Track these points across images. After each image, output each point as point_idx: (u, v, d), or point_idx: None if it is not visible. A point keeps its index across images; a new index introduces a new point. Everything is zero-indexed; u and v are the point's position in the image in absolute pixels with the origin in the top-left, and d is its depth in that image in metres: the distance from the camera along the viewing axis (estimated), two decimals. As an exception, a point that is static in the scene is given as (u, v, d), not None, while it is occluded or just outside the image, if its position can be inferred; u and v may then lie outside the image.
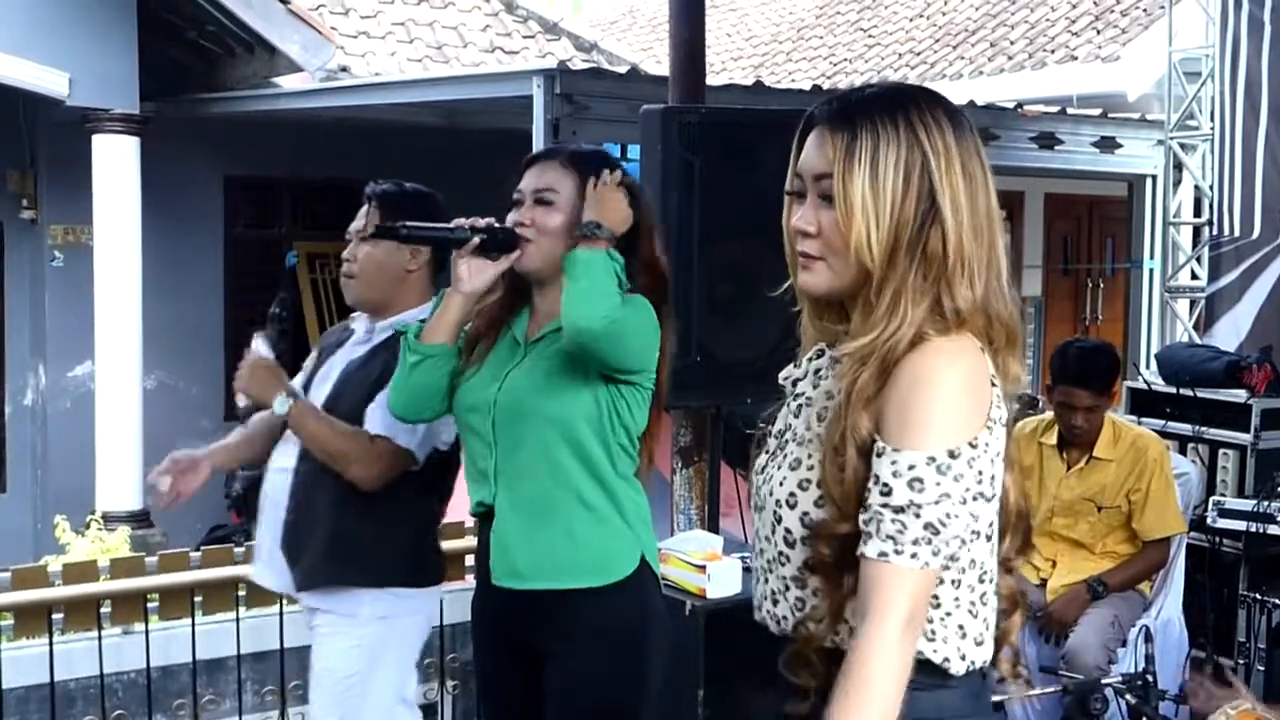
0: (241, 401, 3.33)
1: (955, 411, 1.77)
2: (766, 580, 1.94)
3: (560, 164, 2.88)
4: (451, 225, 2.85)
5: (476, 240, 2.80)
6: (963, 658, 1.85)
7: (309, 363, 3.57)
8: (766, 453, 1.99)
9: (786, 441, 1.93)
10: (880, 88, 1.93)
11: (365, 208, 3.38)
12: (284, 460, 3.36)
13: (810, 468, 1.85)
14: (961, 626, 1.85)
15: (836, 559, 1.81)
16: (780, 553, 1.89)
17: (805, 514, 1.85)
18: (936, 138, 1.83)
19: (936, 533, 1.74)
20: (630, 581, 2.80)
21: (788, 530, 1.87)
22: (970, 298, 1.81)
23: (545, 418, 2.77)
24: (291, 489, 3.32)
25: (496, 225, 2.83)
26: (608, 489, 2.81)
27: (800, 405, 1.94)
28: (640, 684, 2.83)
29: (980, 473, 1.77)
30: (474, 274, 2.82)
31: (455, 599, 4.45)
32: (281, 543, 3.31)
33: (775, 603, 1.92)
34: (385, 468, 3.18)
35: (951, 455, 1.75)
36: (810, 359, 1.97)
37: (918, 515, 1.74)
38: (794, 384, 1.99)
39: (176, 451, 3.44)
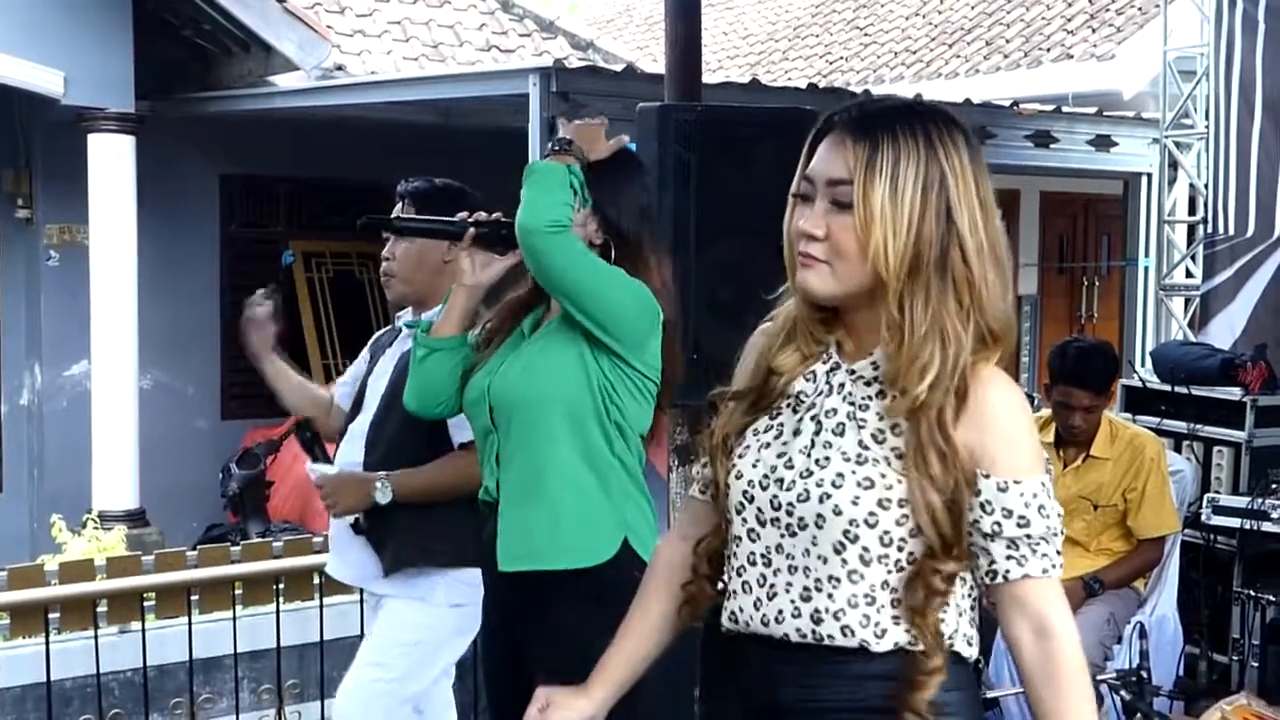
0: (349, 519, 3.38)
1: (1035, 431, 1.95)
2: (802, 598, 1.90)
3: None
4: (451, 219, 2.86)
5: (471, 233, 2.80)
6: (969, 644, 1.95)
7: (360, 363, 3.64)
8: (788, 466, 1.92)
9: (828, 459, 1.89)
10: (900, 101, 1.98)
11: (399, 205, 3.42)
12: (349, 457, 3.45)
13: (889, 487, 1.85)
14: (961, 615, 1.94)
15: (949, 591, 1.88)
16: (851, 572, 1.87)
17: (886, 532, 1.86)
18: (954, 158, 1.88)
19: (1060, 537, 1.91)
20: (614, 572, 2.79)
21: (865, 549, 1.86)
22: (1001, 319, 1.90)
23: (531, 400, 2.79)
24: None
25: (502, 220, 2.83)
26: (596, 472, 2.82)
27: (841, 424, 1.91)
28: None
29: None
30: (477, 268, 2.83)
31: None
32: (363, 530, 3.41)
33: (817, 621, 1.89)
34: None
35: (1048, 473, 1.91)
36: (827, 370, 1.96)
37: (1056, 534, 1.89)
38: (812, 399, 1.95)
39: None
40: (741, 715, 2.00)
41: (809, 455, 1.91)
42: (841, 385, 1.94)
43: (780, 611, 1.92)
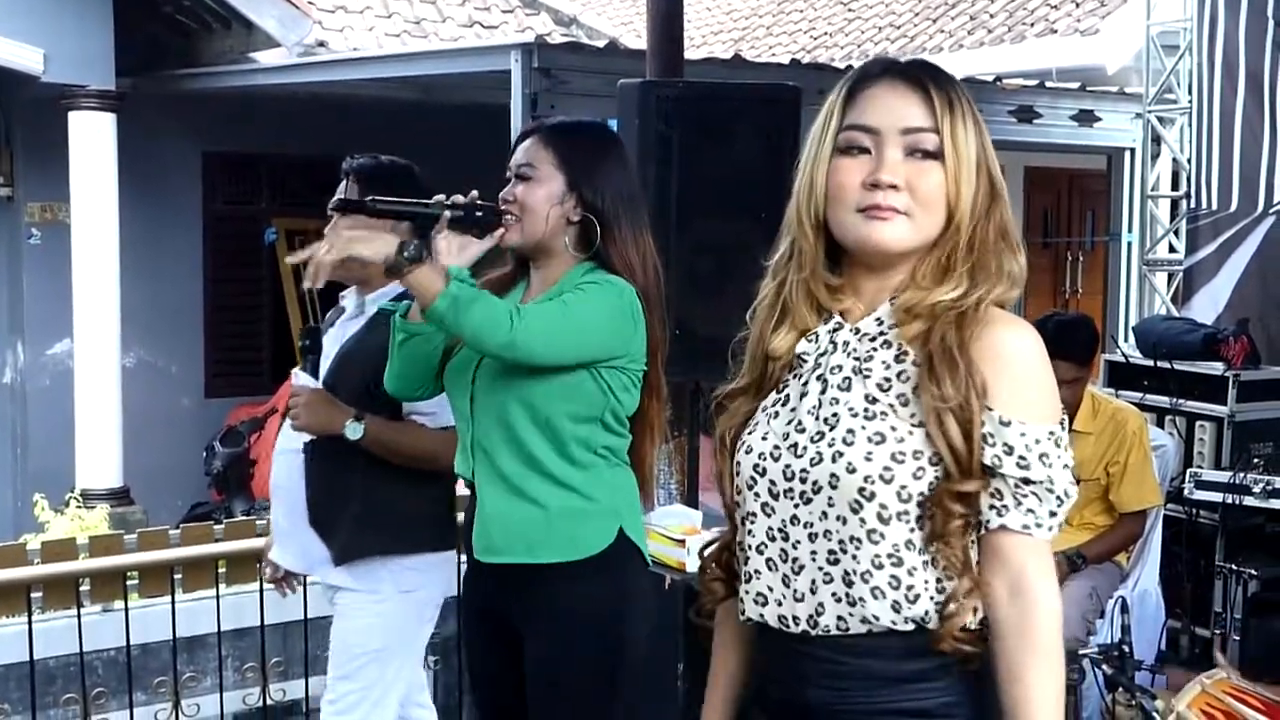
0: (305, 437, 3.29)
1: (1054, 386, 1.87)
2: (829, 562, 1.83)
3: (539, 138, 2.87)
4: (426, 201, 2.84)
5: (448, 215, 2.79)
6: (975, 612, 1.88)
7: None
8: (799, 430, 1.87)
9: (837, 417, 1.83)
10: (927, 60, 1.95)
11: (344, 182, 3.36)
12: (292, 442, 3.36)
13: (900, 439, 1.80)
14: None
15: (972, 512, 1.81)
16: (870, 531, 1.80)
17: (903, 487, 1.79)
18: (976, 108, 1.88)
19: (1062, 504, 1.82)
20: (606, 557, 2.80)
21: (883, 506, 1.79)
22: (1015, 267, 1.89)
23: (519, 397, 2.76)
24: (307, 469, 3.34)
25: (478, 201, 2.81)
26: (585, 465, 2.79)
27: (847, 379, 1.85)
28: (615, 660, 2.83)
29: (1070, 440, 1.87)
30: (454, 250, 2.80)
31: (436, 575, 4.46)
32: (311, 520, 3.34)
33: (849, 584, 1.81)
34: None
35: (1062, 427, 1.84)
36: (829, 331, 1.90)
37: (1050, 489, 1.80)
38: (817, 359, 1.90)
39: None
40: (767, 707, 1.96)
41: (817, 416, 1.85)
42: (846, 343, 1.88)
43: (813, 582, 1.85)
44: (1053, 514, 1.81)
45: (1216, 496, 5.01)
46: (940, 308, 1.83)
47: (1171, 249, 8.01)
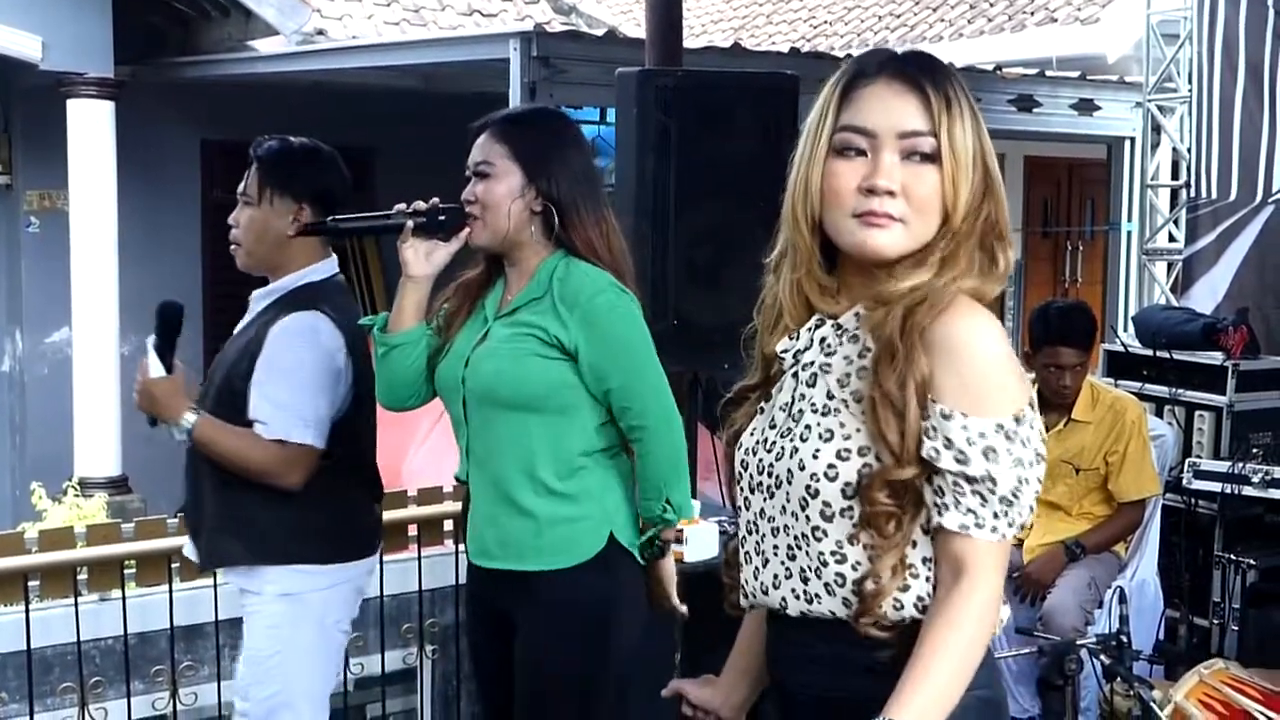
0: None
1: (1012, 373, 1.78)
2: (788, 558, 1.85)
3: (491, 134, 2.85)
4: (388, 212, 2.81)
5: (411, 225, 2.78)
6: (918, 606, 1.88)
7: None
8: (771, 427, 1.89)
9: (801, 413, 1.84)
10: (920, 51, 1.91)
11: (249, 167, 3.25)
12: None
13: (847, 437, 1.79)
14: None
15: (899, 505, 1.77)
16: (815, 528, 1.80)
17: (848, 484, 1.78)
18: (972, 100, 1.84)
19: (1011, 504, 1.75)
20: (597, 560, 2.80)
21: (825, 504, 1.79)
22: (1009, 259, 1.85)
23: (510, 404, 2.77)
24: (186, 466, 3.27)
25: (441, 205, 2.80)
26: (575, 470, 2.80)
27: (814, 375, 1.85)
28: (604, 657, 2.83)
29: (1040, 433, 1.79)
30: (422, 258, 2.81)
31: (434, 564, 4.46)
32: (186, 523, 3.30)
33: (805, 580, 1.83)
34: (304, 470, 3.08)
35: (1017, 420, 1.76)
36: (810, 329, 1.89)
37: (994, 488, 1.74)
38: (795, 355, 1.90)
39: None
40: (770, 690, 2.01)
41: (787, 411, 1.87)
42: (823, 339, 1.88)
43: (775, 576, 1.87)
44: (997, 515, 1.75)
45: (1215, 486, 5.00)
46: (898, 294, 1.79)
47: (1171, 238, 8.00)
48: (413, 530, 4.50)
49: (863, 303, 1.85)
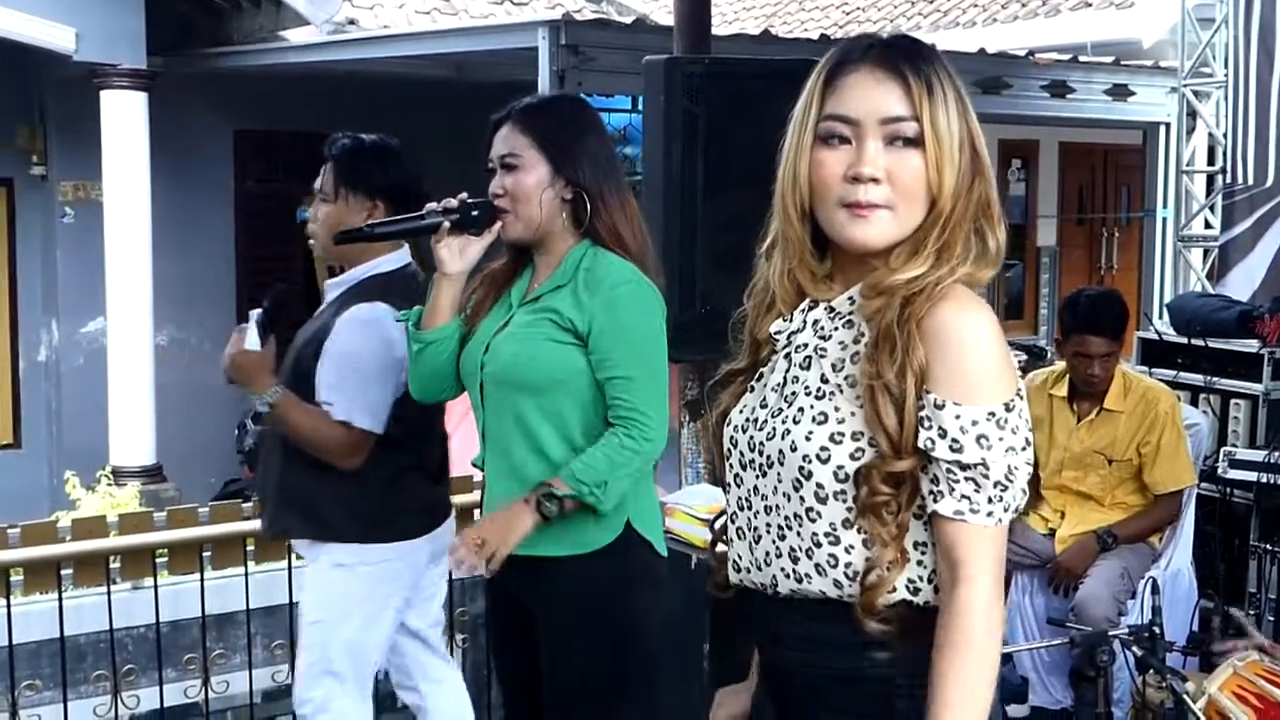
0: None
1: (1003, 363, 1.79)
2: (779, 537, 1.86)
3: (514, 125, 2.84)
4: (422, 213, 2.83)
5: (447, 224, 2.78)
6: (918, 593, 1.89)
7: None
8: (762, 406, 1.90)
9: (794, 395, 1.85)
10: (904, 35, 1.92)
11: (325, 165, 3.37)
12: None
13: (841, 420, 1.80)
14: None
15: (897, 494, 1.78)
16: (809, 509, 1.81)
17: (840, 467, 1.79)
18: (959, 83, 1.85)
19: (1005, 489, 1.77)
20: (615, 547, 2.79)
21: (819, 485, 1.80)
22: (1000, 241, 1.85)
23: (526, 388, 2.76)
24: (262, 444, 3.48)
25: (470, 201, 2.80)
26: None
27: (808, 358, 1.86)
28: (628, 645, 2.82)
29: (1028, 421, 1.80)
30: (456, 254, 2.81)
31: (464, 553, 4.46)
32: (256, 494, 3.48)
33: (795, 560, 1.84)
34: (362, 453, 3.23)
35: (1007, 408, 1.77)
36: (803, 310, 1.90)
37: (986, 474, 1.76)
38: (788, 337, 1.91)
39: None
40: (761, 671, 2.00)
41: (780, 392, 1.88)
42: (816, 321, 1.89)
43: (767, 554, 1.88)
44: (991, 500, 1.77)
45: (1251, 475, 4.95)
46: (897, 285, 1.80)
47: (1207, 225, 7.93)
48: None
49: (858, 289, 1.87)
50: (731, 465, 1.94)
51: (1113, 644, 3.54)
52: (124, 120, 9.04)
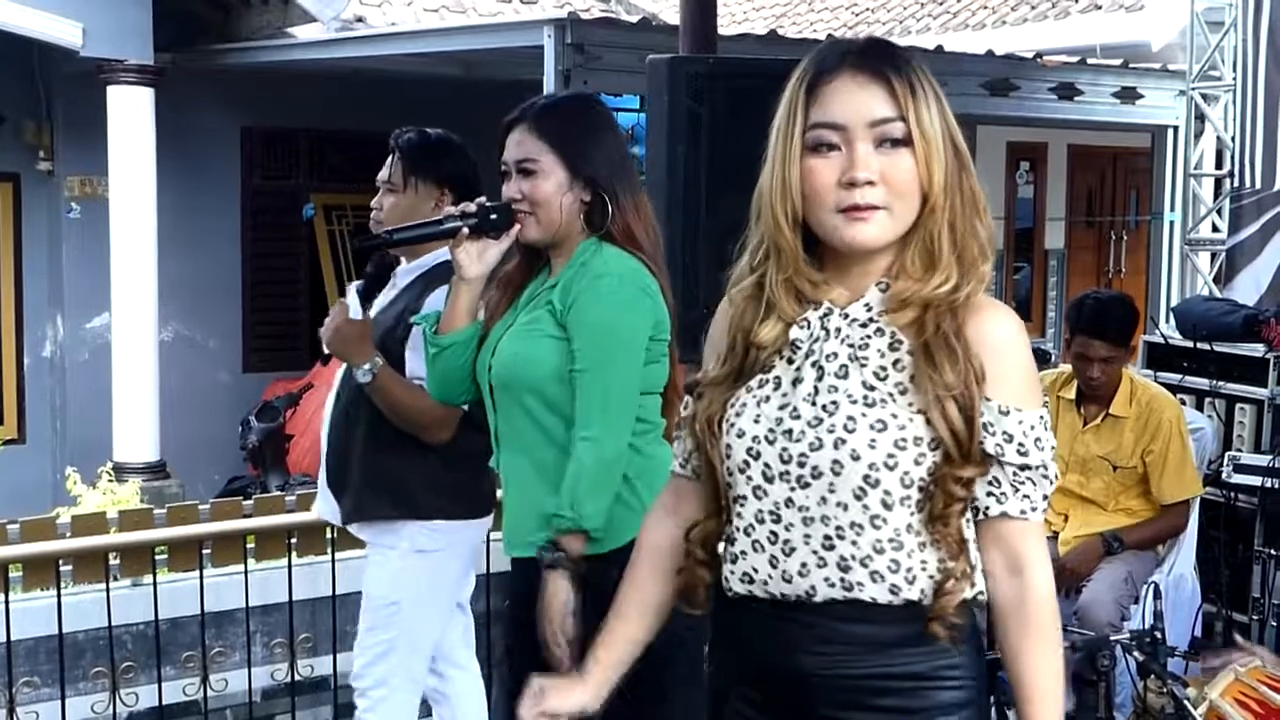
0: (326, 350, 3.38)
1: (1035, 366, 1.93)
2: (824, 547, 1.84)
3: (529, 128, 2.79)
4: (440, 218, 2.83)
5: (466, 230, 2.76)
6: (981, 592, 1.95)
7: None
8: (793, 416, 1.86)
9: (836, 404, 1.84)
10: (877, 39, 1.96)
11: (391, 157, 3.47)
12: (330, 398, 3.52)
13: (901, 427, 1.82)
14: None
15: (966, 500, 1.86)
16: (874, 516, 1.83)
17: (906, 473, 1.82)
18: (936, 84, 1.89)
19: (1051, 485, 1.89)
20: (627, 549, 2.75)
21: (886, 492, 1.82)
22: (986, 233, 1.91)
23: (534, 388, 2.72)
24: (330, 427, 3.48)
25: (488, 205, 2.77)
26: None
27: (843, 366, 1.86)
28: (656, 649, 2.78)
29: None
30: (475, 259, 2.78)
31: (465, 552, 4.45)
32: (327, 480, 3.48)
33: (845, 569, 1.84)
34: (452, 427, 3.31)
35: (1046, 408, 1.90)
36: (820, 317, 1.89)
37: (1045, 474, 1.87)
38: (810, 345, 1.89)
39: None
40: (752, 681, 1.96)
41: (814, 403, 1.86)
42: (838, 330, 1.89)
43: (803, 565, 1.86)
44: (1045, 497, 1.89)
45: (1256, 480, 4.94)
46: (934, 299, 1.85)
47: (1215, 228, 7.90)
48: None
49: (876, 298, 1.89)
50: (750, 478, 1.90)
51: (1114, 648, 3.52)
52: (131, 116, 9.03)
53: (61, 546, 4.14)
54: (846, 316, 1.89)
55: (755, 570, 1.91)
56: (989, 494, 1.87)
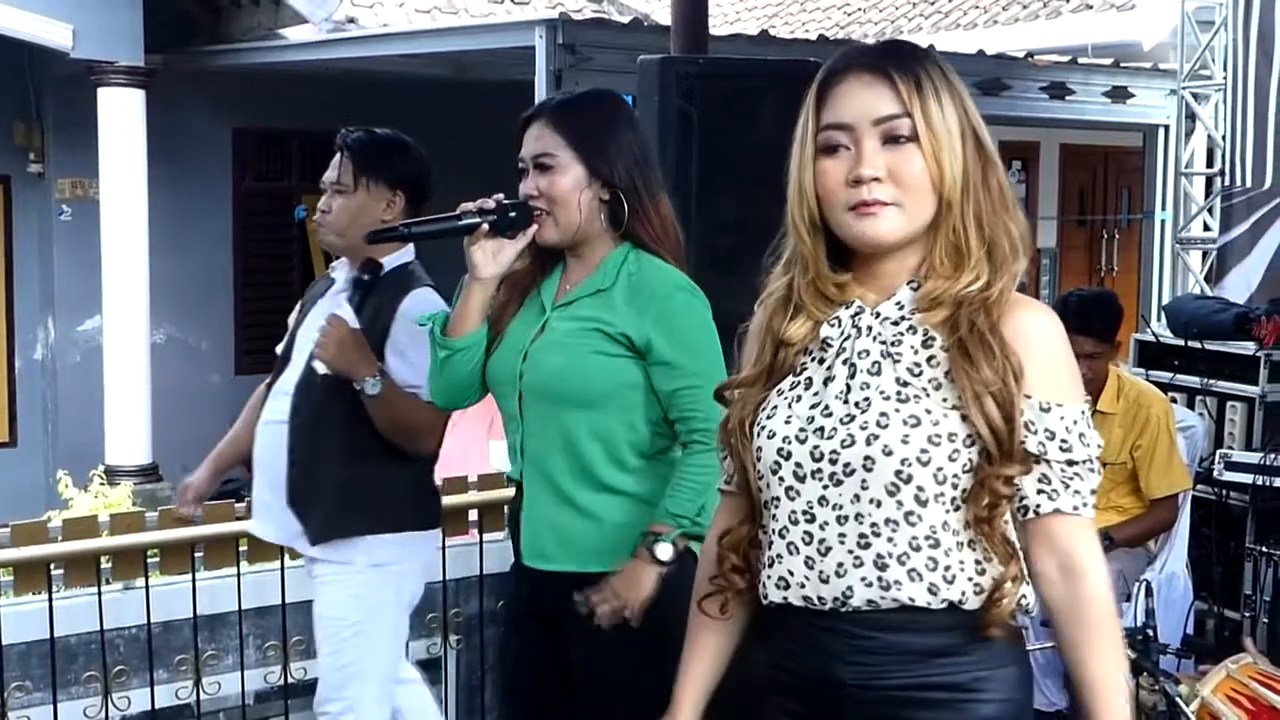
0: (321, 369, 3.20)
1: (1075, 362, 1.92)
2: (859, 546, 1.84)
3: (546, 123, 2.73)
4: (457, 213, 2.70)
5: (485, 226, 2.67)
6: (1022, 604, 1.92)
7: (292, 318, 3.52)
8: (825, 414, 1.87)
9: (868, 401, 1.84)
10: (891, 40, 1.98)
11: (337, 157, 3.34)
12: (275, 414, 3.33)
13: (935, 422, 1.82)
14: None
15: (1009, 500, 1.84)
16: (908, 513, 1.82)
17: (940, 469, 1.82)
18: (956, 79, 1.90)
19: (1098, 479, 1.88)
20: None
21: (920, 488, 1.82)
22: (1019, 229, 1.90)
23: (571, 402, 2.66)
24: (290, 443, 3.30)
25: (506, 202, 2.69)
26: (637, 472, 2.70)
27: (876, 363, 1.86)
28: (662, 652, 2.76)
29: None
30: (490, 258, 2.68)
31: (458, 554, 4.45)
32: (289, 498, 3.31)
33: (883, 568, 1.83)
34: (442, 433, 3.27)
35: (1087, 403, 1.90)
36: (852, 315, 1.90)
37: (1091, 468, 1.87)
38: (841, 343, 1.90)
39: (184, 481, 3.74)
40: (790, 692, 1.95)
41: (846, 400, 1.87)
42: (869, 328, 1.89)
43: (840, 565, 1.86)
44: (1093, 491, 1.87)
45: (1247, 478, 4.95)
46: (965, 297, 1.85)
47: (1206, 227, 7.92)
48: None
49: (908, 297, 1.90)
50: (782, 479, 1.90)
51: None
52: (121, 118, 9.03)
53: (53, 550, 4.11)
54: (878, 315, 1.90)
55: (791, 573, 1.90)
56: (1040, 491, 1.85)
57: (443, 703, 4.57)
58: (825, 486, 1.86)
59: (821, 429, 1.87)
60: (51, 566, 4.06)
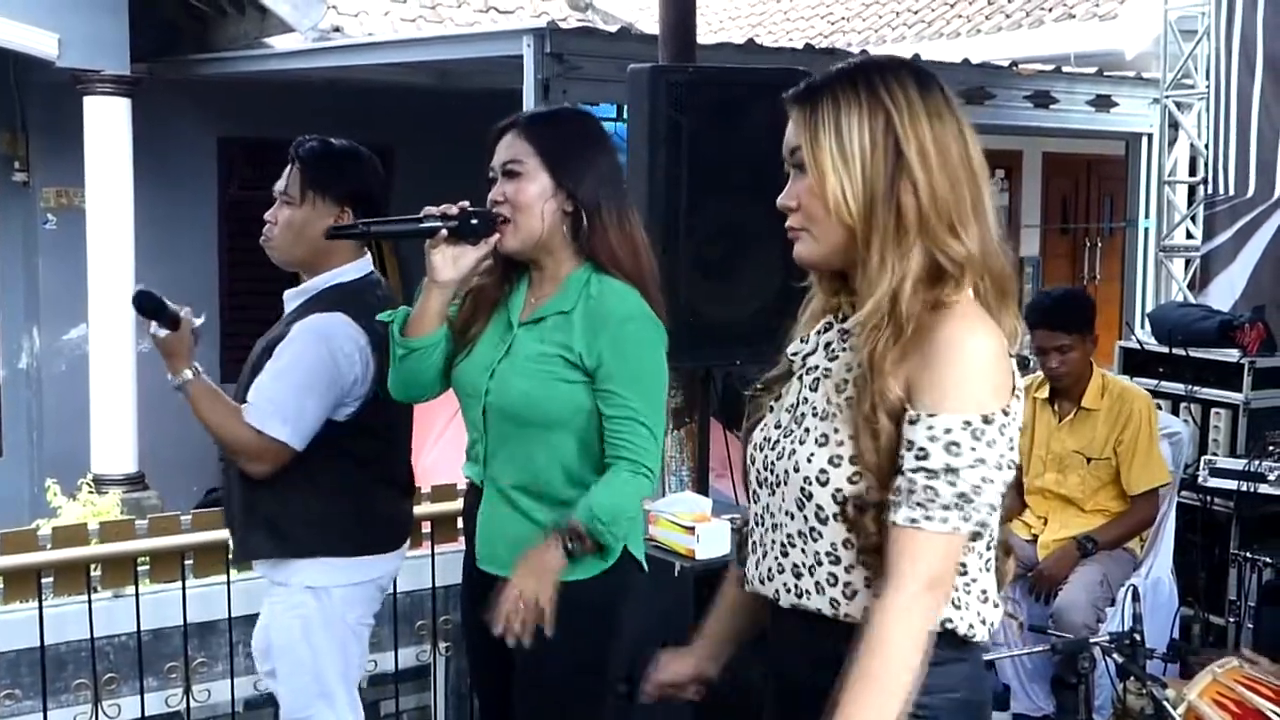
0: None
1: (988, 377, 1.79)
2: (781, 554, 1.94)
3: (519, 132, 2.79)
4: (418, 216, 2.75)
5: (444, 231, 2.72)
6: (983, 622, 1.90)
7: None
8: (776, 426, 1.98)
9: (804, 416, 1.93)
10: (846, 63, 1.98)
11: (290, 167, 3.27)
12: None
13: (840, 443, 1.85)
14: (984, 590, 1.91)
15: (881, 533, 1.81)
16: (811, 529, 1.89)
17: (838, 490, 1.85)
18: (899, 95, 1.87)
19: (970, 500, 1.77)
20: (609, 571, 2.77)
21: (819, 507, 1.87)
22: (962, 250, 1.84)
23: (534, 424, 2.73)
24: (225, 465, 3.31)
25: (471, 209, 2.73)
26: (590, 486, 2.74)
27: (816, 379, 1.95)
28: (608, 654, 2.80)
29: (1011, 440, 1.81)
30: (450, 262, 2.73)
31: (448, 561, 4.45)
32: (225, 519, 3.39)
33: (798, 576, 1.92)
34: (270, 463, 3.12)
35: (986, 420, 1.77)
36: (819, 332, 1.99)
37: (953, 482, 1.76)
38: (803, 359, 1.99)
39: None
40: (770, 675, 2.04)
41: (792, 413, 1.97)
42: (829, 343, 1.97)
43: (770, 569, 1.98)
44: (948, 507, 1.76)
45: (1231, 484, 4.99)
46: (863, 321, 1.85)
47: (1189, 235, 7.96)
48: (426, 527, 4.49)
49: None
50: (751, 483, 2.03)
51: (1094, 651, 3.56)
52: (107, 126, 9.02)
53: (42, 558, 4.11)
54: (843, 332, 1.95)
55: (754, 567, 2.02)
56: (893, 499, 1.79)
57: (432, 710, 4.59)
58: (769, 494, 1.97)
59: (769, 439, 1.99)
60: (41, 574, 4.06)
